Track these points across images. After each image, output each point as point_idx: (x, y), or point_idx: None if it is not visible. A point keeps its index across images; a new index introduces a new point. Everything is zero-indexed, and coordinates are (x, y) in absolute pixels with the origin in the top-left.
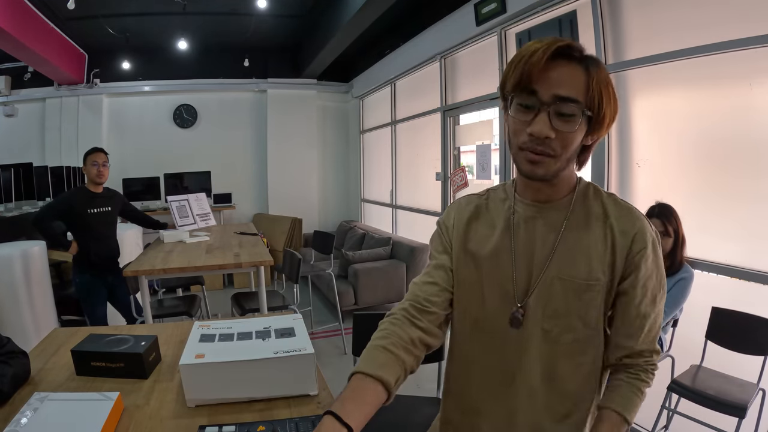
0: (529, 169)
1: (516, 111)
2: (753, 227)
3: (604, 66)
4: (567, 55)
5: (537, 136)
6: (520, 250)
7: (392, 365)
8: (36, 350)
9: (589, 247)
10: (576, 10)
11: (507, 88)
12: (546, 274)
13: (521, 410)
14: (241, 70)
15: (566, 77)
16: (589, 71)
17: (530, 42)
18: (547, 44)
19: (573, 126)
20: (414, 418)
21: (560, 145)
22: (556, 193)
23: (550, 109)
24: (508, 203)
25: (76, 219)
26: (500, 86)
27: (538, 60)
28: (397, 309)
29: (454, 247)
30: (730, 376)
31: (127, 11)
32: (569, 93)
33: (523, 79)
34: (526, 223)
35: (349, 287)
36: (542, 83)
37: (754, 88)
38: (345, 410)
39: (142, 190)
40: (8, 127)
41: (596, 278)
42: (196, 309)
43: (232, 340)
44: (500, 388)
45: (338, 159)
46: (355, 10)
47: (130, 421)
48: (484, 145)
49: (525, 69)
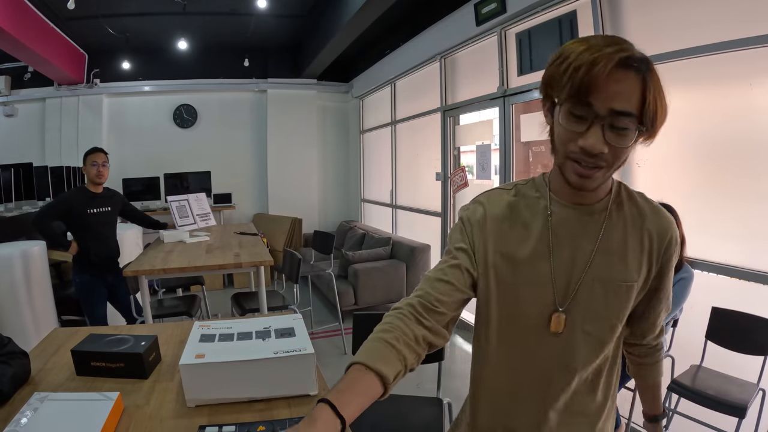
0: (578, 181)
1: (567, 120)
2: (753, 227)
3: (655, 69)
4: (625, 65)
5: (590, 152)
6: (559, 253)
7: (393, 360)
8: (36, 350)
9: (627, 248)
10: (576, 10)
11: (556, 93)
12: (586, 276)
13: (555, 409)
14: (241, 70)
15: (623, 89)
16: (645, 80)
17: (582, 44)
18: (609, 55)
19: (627, 141)
20: (414, 419)
21: (612, 157)
22: (596, 196)
23: (604, 123)
24: (543, 203)
25: (75, 219)
26: (545, 84)
27: (600, 73)
28: (404, 303)
29: (482, 248)
30: (730, 376)
31: (127, 11)
32: (625, 107)
33: (581, 90)
34: (565, 225)
35: (349, 287)
36: (598, 95)
37: (754, 88)
38: (340, 400)
39: (142, 190)
40: (8, 127)
41: (633, 279)
42: (196, 309)
43: (232, 340)
44: (536, 391)
45: (338, 159)
46: (355, 10)
47: (130, 421)
48: (484, 145)
49: (585, 80)
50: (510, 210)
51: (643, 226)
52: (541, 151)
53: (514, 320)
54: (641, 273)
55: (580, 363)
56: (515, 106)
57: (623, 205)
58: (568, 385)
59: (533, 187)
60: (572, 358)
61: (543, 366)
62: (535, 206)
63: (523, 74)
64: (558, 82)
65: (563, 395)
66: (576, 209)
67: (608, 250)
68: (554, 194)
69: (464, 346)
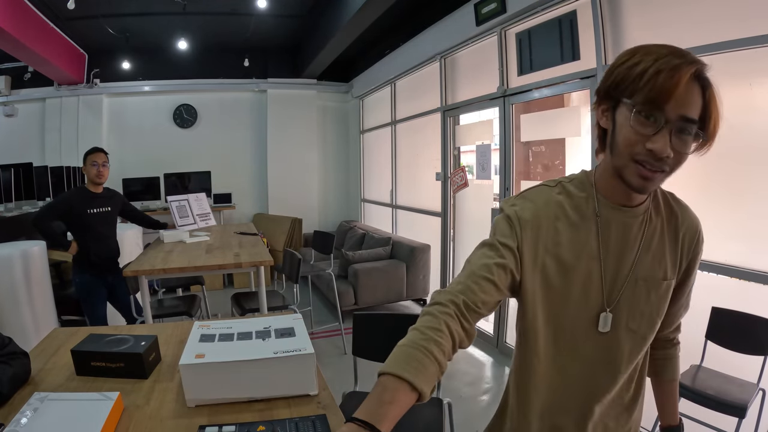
0: (640, 183)
1: (637, 122)
2: (753, 227)
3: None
4: (696, 76)
5: (657, 154)
6: (608, 254)
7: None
8: (36, 350)
9: (665, 247)
10: (576, 10)
11: (627, 95)
12: (631, 276)
13: (601, 403)
14: (241, 70)
15: (693, 98)
16: (705, 91)
17: (657, 51)
18: (688, 64)
19: (688, 147)
20: (414, 419)
21: (674, 162)
22: (639, 198)
23: (672, 128)
24: (591, 203)
25: (75, 219)
26: (610, 85)
27: (680, 80)
28: (448, 299)
29: (532, 249)
30: (730, 376)
31: (127, 11)
32: (693, 115)
33: (661, 95)
34: (612, 226)
35: (349, 287)
36: (673, 101)
37: (754, 88)
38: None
39: (142, 190)
40: (8, 127)
41: (671, 276)
42: (196, 309)
43: (232, 340)
44: (583, 387)
45: (338, 159)
46: (355, 10)
47: (130, 421)
48: (484, 145)
49: (666, 86)
50: (560, 210)
51: (678, 226)
52: (541, 151)
53: (561, 321)
54: (676, 270)
55: (624, 360)
56: (515, 106)
57: (660, 205)
58: (613, 381)
59: (579, 186)
60: (618, 356)
61: (590, 364)
62: (582, 206)
63: (523, 74)
64: (632, 84)
65: (608, 390)
66: (621, 211)
67: (649, 249)
68: (601, 194)
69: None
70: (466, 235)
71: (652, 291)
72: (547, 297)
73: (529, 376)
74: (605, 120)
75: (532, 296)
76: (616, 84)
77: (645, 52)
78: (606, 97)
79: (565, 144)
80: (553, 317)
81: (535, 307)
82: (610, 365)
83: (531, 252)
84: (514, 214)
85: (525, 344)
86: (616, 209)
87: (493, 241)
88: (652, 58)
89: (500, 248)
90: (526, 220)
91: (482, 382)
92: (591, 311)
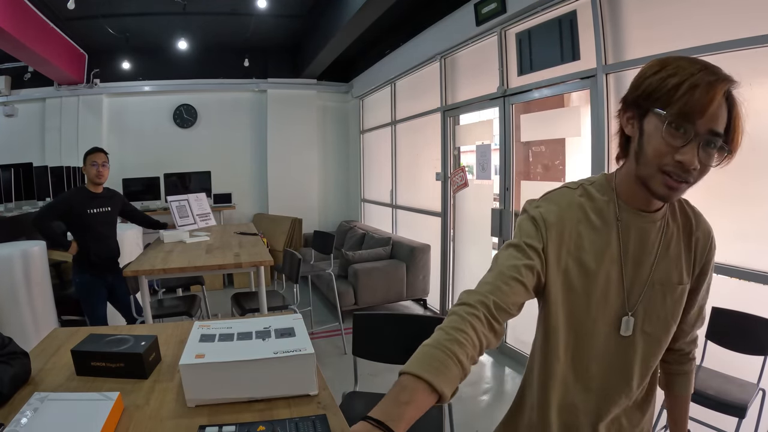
0: (666, 193)
1: (668, 133)
2: (753, 227)
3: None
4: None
5: (686, 166)
6: (627, 258)
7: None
8: (36, 350)
9: (680, 252)
10: (576, 10)
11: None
12: (650, 280)
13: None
14: (241, 70)
15: (721, 113)
16: (731, 107)
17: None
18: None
19: (713, 160)
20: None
21: (699, 175)
22: (659, 203)
23: (701, 141)
24: (612, 207)
25: (75, 219)
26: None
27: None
28: (477, 300)
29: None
30: (730, 376)
31: (127, 11)
32: (720, 128)
33: (696, 108)
34: (633, 230)
35: (349, 287)
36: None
37: (754, 88)
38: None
39: (142, 190)
40: (8, 127)
41: (686, 281)
42: (196, 309)
43: (232, 340)
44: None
45: (338, 159)
46: (355, 10)
47: (130, 421)
48: (484, 145)
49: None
50: (582, 213)
51: (692, 231)
52: (541, 151)
53: (582, 323)
54: (691, 275)
55: (641, 362)
56: (515, 106)
57: (676, 212)
58: (629, 383)
59: (600, 190)
60: (635, 358)
61: (608, 366)
62: (604, 210)
63: (523, 74)
64: (665, 95)
65: (624, 392)
66: (641, 216)
67: (667, 254)
68: (622, 199)
69: None
70: (466, 235)
71: (668, 295)
72: (569, 299)
73: (548, 375)
74: (631, 128)
75: (555, 298)
76: (647, 94)
77: (678, 65)
78: (634, 106)
79: (565, 144)
80: (575, 320)
81: (557, 309)
82: (627, 367)
83: (555, 254)
84: (539, 215)
85: (546, 345)
86: (636, 214)
87: (519, 242)
88: (687, 72)
89: (527, 249)
90: (551, 223)
91: (482, 382)
92: (612, 315)
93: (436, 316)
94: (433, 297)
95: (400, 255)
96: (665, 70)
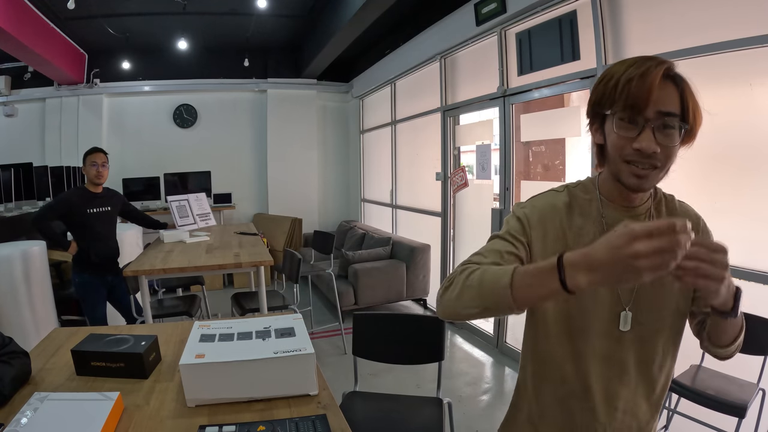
0: (636, 183)
1: (619, 127)
2: (753, 227)
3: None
4: (666, 75)
5: (645, 152)
6: None
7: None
8: (36, 350)
9: None
10: (576, 10)
11: (607, 108)
12: None
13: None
14: (241, 70)
15: (666, 95)
16: (679, 86)
17: (625, 63)
18: (656, 66)
19: (675, 140)
20: (414, 419)
21: (664, 158)
22: (643, 198)
23: (654, 125)
24: (595, 205)
25: (75, 219)
26: (594, 105)
27: (652, 82)
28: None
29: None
30: (730, 376)
31: (127, 11)
32: (670, 108)
33: (637, 98)
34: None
35: (349, 287)
36: (648, 101)
37: (754, 88)
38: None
39: (142, 190)
40: (8, 127)
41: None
42: (196, 309)
43: (232, 340)
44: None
45: (338, 159)
46: (355, 10)
47: (130, 421)
48: (484, 145)
49: (637, 90)
50: (566, 212)
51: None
52: (541, 151)
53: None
54: None
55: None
56: (515, 106)
57: (661, 206)
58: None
59: (583, 190)
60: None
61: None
62: (587, 208)
63: (523, 74)
64: (609, 97)
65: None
66: (624, 211)
67: None
68: (605, 197)
69: (464, 346)
70: (466, 235)
71: (661, 286)
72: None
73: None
74: (598, 136)
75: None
76: (597, 103)
77: (611, 70)
78: (594, 116)
79: (565, 144)
80: (566, 317)
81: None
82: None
83: (540, 251)
84: (524, 215)
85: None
86: (619, 209)
87: (504, 234)
88: (619, 72)
89: (511, 239)
90: (534, 222)
91: (482, 382)
92: (606, 310)
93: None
94: (433, 297)
95: (400, 255)
96: (604, 78)
